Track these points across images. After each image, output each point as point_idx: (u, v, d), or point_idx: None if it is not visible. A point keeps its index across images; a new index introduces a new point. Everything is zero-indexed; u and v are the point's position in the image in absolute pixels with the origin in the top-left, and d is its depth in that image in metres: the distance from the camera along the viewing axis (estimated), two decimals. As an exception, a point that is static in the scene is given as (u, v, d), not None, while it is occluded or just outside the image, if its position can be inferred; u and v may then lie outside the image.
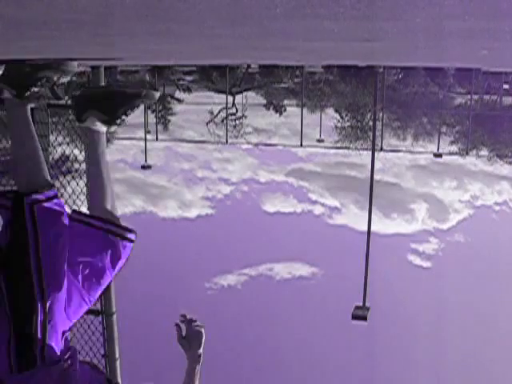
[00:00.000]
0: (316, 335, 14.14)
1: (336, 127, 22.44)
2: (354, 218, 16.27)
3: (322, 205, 19.09)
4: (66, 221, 1.85)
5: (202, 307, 14.41)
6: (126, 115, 1.98)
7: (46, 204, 1.80)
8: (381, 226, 15.42)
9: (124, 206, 17.09)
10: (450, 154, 18.26)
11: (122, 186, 17.58)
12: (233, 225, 17.52)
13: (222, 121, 19.65)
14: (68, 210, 1.97)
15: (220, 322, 14.23)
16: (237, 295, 15.72)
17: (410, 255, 17.34)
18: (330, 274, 15.75)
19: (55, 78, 2.04)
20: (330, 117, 22.53)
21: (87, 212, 2.03)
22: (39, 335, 1.67)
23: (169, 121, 20.32)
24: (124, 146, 17.40)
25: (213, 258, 15.67)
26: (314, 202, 19.14)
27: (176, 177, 19.42)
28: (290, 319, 14.39)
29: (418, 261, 17.22)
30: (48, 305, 1.70)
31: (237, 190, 19.23)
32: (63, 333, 1.80)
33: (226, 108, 19.75)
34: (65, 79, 2.93)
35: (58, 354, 1.73)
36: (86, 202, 3.94)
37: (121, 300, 4.24)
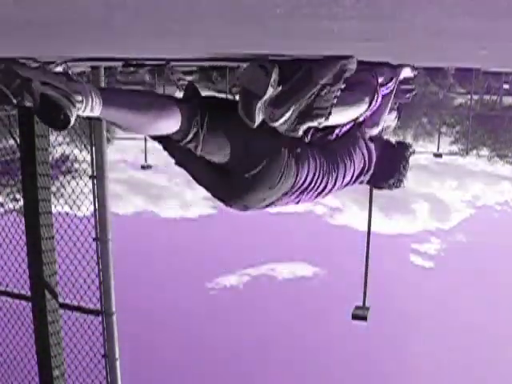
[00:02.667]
0: (316, 335, 14.13)
1: (336, 127, 22.41)
2: (354, 217, 16.27)
3: (324, 205, 19.10)
4: None
5: (204, 307, 14.41)
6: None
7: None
8: (382, 226, 15.43)
9: (124, 205, 17.10)
10: (450, 153, 18.24)
11: (122, 185, 17.58)
12: (234, 225, 17.51)
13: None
14: None
15: (222, 322, 14.24)
16: (238, 295, 15.72)
17: (412, 255, 17.34)
18: (331, 274, 15.75)
19: None
20: (331, 117, 22.48)
21: None
22: None
23: (169, 121, 20.31)
24: (124, 146, 17.38)
25: (214, 258, 15.67)
26: (316, 202, 19.12)
27: (177, 177, 19.41)
28: (291, 319, 14.39)
29: (419, 261, 17.23)
30: None
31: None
32: None
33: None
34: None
35: None
36: (85, 202, 3.95)
37: (121, 300, 4.24)
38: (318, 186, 2.27)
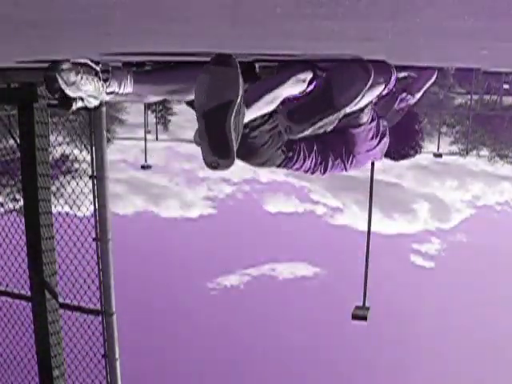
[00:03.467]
0: (316, 335, 14.14)
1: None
2: (355, 218, 16.27)
3: (324, 205, 19.09)
4: None
5: (205, 307, 14.41)
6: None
7: None
8: (382, 226, 15.42)
9: (124, 205, 17.10)
10: (450, 154, 18.22)
11: (122, 185, 17.58)
12: (235, 225, 17.51)
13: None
14: None
15: (222, 321, 14.24)
16: (239, 295, 15.72)
17: (413, 255, 17.34)
18: (331, 274, 15.75)
19: None
20: (331, 117, 22.45)
21: None
22: None
23: (169, 121, 20.30)
24: (124, 146, 17.37)
25: (215, 258, 15.66)
26: (316, 203, 19.11)
27: (177, 177, 19.41)
28: (291, 319, 14.39)
29: (420, 261, 17.22)
30: None
31: (238, 190, 19.23)
32: None
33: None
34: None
35: None
36: (85, 202, 3.95)
37: (121, 300, 4.24)
38: (306, 170, 2.45)
